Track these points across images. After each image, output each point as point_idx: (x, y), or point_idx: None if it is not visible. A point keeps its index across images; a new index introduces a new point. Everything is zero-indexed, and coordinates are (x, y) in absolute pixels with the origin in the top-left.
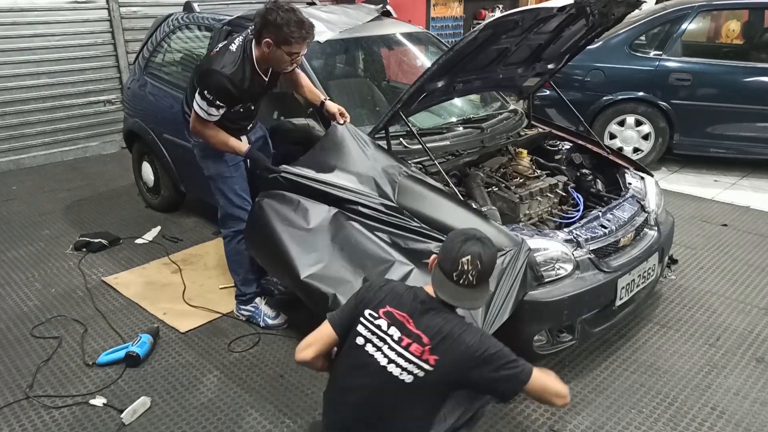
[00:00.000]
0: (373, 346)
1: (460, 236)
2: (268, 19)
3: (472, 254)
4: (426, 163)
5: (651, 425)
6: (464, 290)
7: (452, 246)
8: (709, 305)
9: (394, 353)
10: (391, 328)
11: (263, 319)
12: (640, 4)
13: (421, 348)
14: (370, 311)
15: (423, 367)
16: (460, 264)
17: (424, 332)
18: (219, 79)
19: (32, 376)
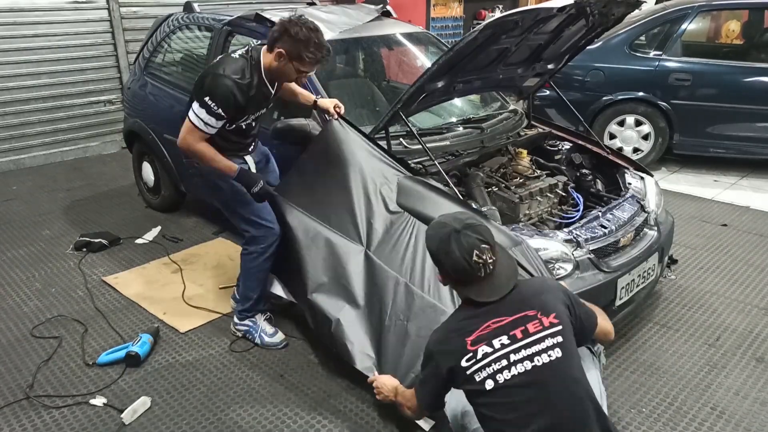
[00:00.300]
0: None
1: (446, 241)
2: (289, 31)
3: (474, 245)
4: (426, 163)
5: (651, 425)
6: (494, 273)
7: (450, 257)
8: (709, 305)
9: (526, 350)
10: (494, 342)
11: (260, 336)
12: (640, 4)
13: (536, 321)
14: (464, 358)
15: (555, 331)
16: (474, 264)
17: (520, 311)
18: (225, 83)
19: (32, 376)
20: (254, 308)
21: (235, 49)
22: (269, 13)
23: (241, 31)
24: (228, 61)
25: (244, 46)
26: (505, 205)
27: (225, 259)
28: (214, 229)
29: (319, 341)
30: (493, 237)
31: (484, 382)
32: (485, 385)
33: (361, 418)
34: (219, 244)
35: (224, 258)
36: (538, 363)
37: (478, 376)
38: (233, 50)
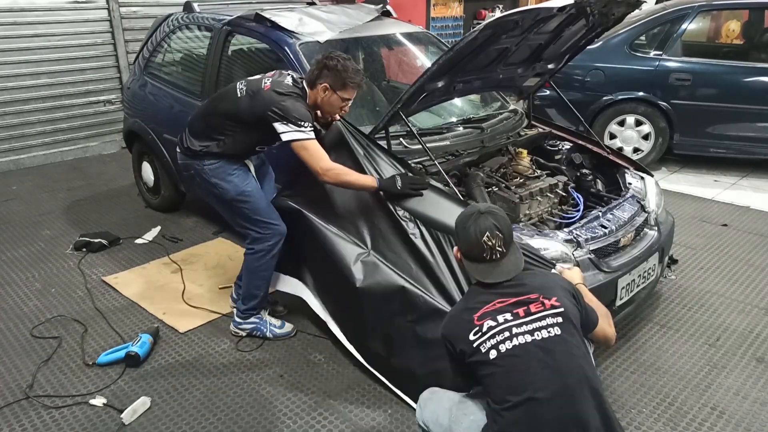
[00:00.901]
0: (503, 343)
1: (467, 219)
2: (329, 65)
3: (489, 228)
4: (426, 163)
5: (651, 425)
6: (500, 263)
7: (466, 232)
8: (709, 305)
9: (527, 325)
10: (499, 318)
11: (270, 330)
12: (640, 4)
13: (538, 303)
14: (472, 332)
15: (556, 312)
16: (483, 245)
17: (524, 294)
18: (296, 100)
19: (32, 376)
20: (259, 306)
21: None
22: (269, 12)
23: (241, 31)
24: (288, 89)
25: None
26: (505, 205)
27: (225, 259)
28: (214, 229)
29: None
30: (510, 231)
31: (489, 352)
32: (489, 354)
33: (361, 418)
34: (219, 244)
35: (224, 258)
36: (537, 337)
37: (483, 347)
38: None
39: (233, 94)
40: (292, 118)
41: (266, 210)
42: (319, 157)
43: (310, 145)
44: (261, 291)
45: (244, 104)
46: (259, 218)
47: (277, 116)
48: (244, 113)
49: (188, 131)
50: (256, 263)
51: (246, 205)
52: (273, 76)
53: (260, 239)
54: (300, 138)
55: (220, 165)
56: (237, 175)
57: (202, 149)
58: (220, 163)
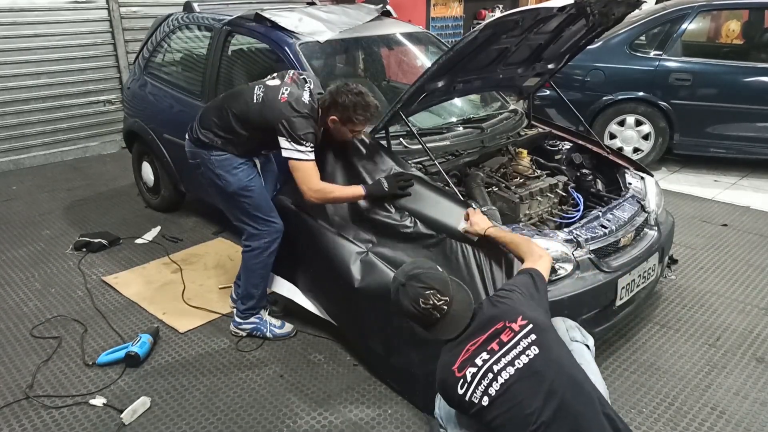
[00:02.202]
0: (491, 385)
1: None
2: (337, 101)
3: (418, 295)
4: (426, 163)
5: (651, 425)
6: (450, 312)
7: (405, 309)
8: (709, 305)
9: (505, 357)
10: (477, 360)
11: (270, 330)
12: (640, 4)
13: (508, 330)
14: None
15: (527, 331)
16: (425, 311)
17: (491, 327)
18: (308, 121)
19: (32, 376)
20: (258, 305)
21: (301, 85)
22: (269, 12)
23: (241, 31)
24: (303, 106)
25: (301, 82)
26: (505, 205)
27: (225, 259)
28: (214, 229)
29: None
30: (439, 278)
31: (482, 399)
32: (483, 402)
33: (361, 418)
34: (219, 244)
35: (224, 258)
36: (519, 365)
37: (475, 398)
38: (298, 85)
39: (249, 97)
40: (296, 137)
41: (266, 207)
42: (309, 179)
43: (303, 166)
44: (259, 290)
45: (257, 109)
46: (258, 214)
47: (284, 130)
48: (254, 118)
49: (199, 123)
50: (252, 261)
51: (247, 200)
52: (291, 86)
53: (257, 236)
54: (297, 158)
55: (227, 158)
56: (242, 170)
57: (210, 141)
58: (227, 156)
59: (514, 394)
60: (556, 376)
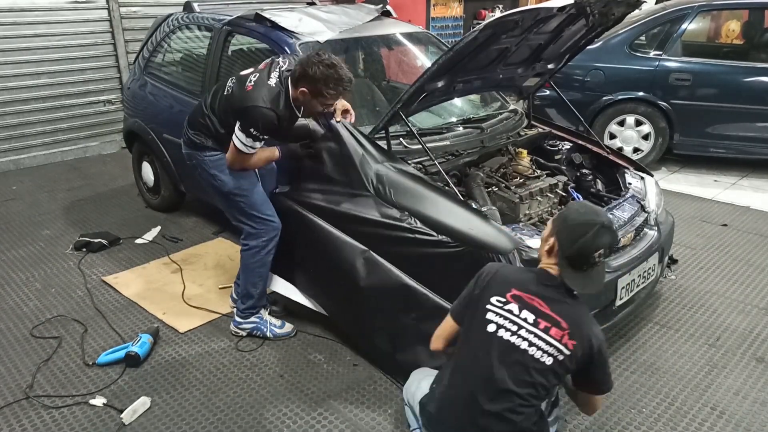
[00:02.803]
0: (506, 330)
1: (588, 227)
2: (307, 72)
3: (605, 247)
4: (426, 163)
5: (651, 425)
6: (587, 273)
7: (583, 241)
8: (709, 305)
9: (533, 336)
10: (523, 312)
11: (270, 330)
12: (640, 4)
13: (561, 332)
14: (497, 297)
15: (563, 351)
16: (591, 258)
17: (560, 317)
18: (267, 114)
19: (32, 376)
20: (257, 304)
21: (268, 70)
22: (269, 12)
23: (241, 31)
24: (267, 91)
25: (276, 65)
26: (505, 205)
27: (225, 259)
28: (214, 229)
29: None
30: (614, 249)
31: (489, 324)
32: (488, 326)
33: (361, 418)
34: (219, 244)
35: (224, 258)
36: (530, 351)
37: (490, 315)
38: (266, 71)
39: (222, 91)
40: (249, 127)
41: (262, 205)
42: (237, 158)
43: (239, 152)
44: (258, 289)
45: (228, 102)
46: (254, 213)
47: (242, 116)
48: (229, 112)
49: (187, 124)
50: (251, 259)
51: (242, 199)
52: (261, 72)
53: (255, 234)
54: (237, 147)
55: (221, 157)
56: None
57: (201, 142)
58: (220, 155)
59: (501, 350)
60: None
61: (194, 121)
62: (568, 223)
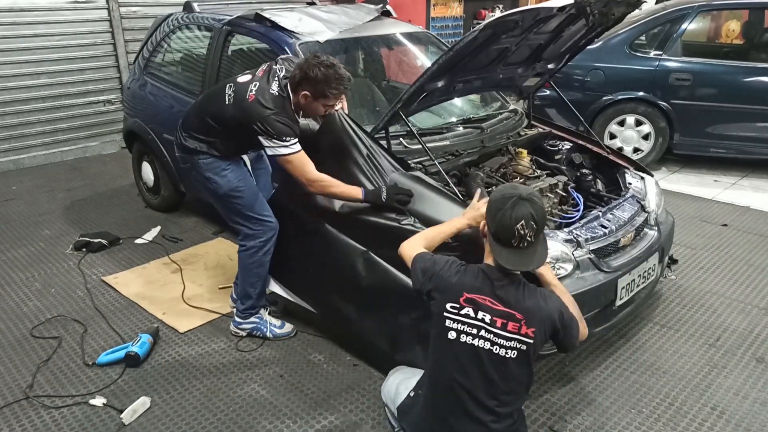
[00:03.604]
0: (467, 335)
1: (505, 201)
2: (308, 75)
3: (526, 217)
4: (426, 163)
5: (651, 425)
6: (524, 252)
7: (502, 215)
8: (709, 305)
9: (492, 335)
10: (479, 313)
11: (270, 330)
12: (640, 4)
13: (517, 324)
14: (451, 304)
15: (524, 341)
16: (515, 231)
17: (514, 309)
18: (280, 119)
19: (32, 376)
20: (257, 305)
21: (268, 79)
22: (269, 12)
23: (241, 31)
24: (272, 100)
25: (273, 73)
26: None
27: (225, 259)
28: (214, 229)
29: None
30: (544, 222)
31: (450, 331)
32: (449, 334)
33: (361, 418)
34: (219, 244)
35: (224, 258)
36: (494, 350)
37: (448, 323)
38: (266, 79)
39: (221, 99)
40: (275, 135)
41: (258, 206)
42: (303, 169)
43: (294, 158)
44: (256, 289)
45: (230, 112)
46: (251, 214)
47: (261, 131)
48: (229, 120)
49: (181, 129)
50: (248, 260)
51: (238, 201)
52: (260, 80)
53: (252, 235)
54: (283, 153)
55: (214, 160)
56: (230, 170)
57: (195, 146)
58: (212, 159)
59: (466, 356)
60: (497, 387)
61: (188, 124)
62: (490, 203)
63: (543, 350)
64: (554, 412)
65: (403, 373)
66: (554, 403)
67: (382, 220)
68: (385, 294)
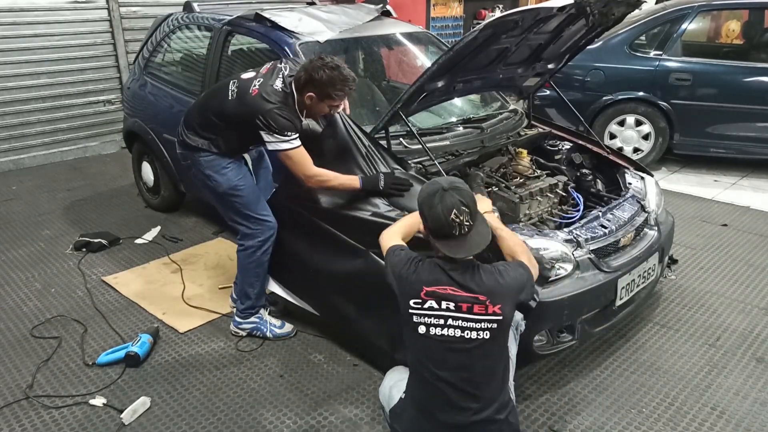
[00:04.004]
0: (435, 326)
1: (431, 196)
2: (313, 77)
3: (455, 205)
4: (426, 163)
5: (651, 425)
6: (467, 238)
7: (433, 211)
8: (709, 305)
9: (460, 320)
10: (442, 303)
11: (270, 330)
12: (640, 4)
13: (482, 306)
14: (413, 300)
15: (495, 319)
16: (452, 222)
17: (476, 292)
18: (281, 113)
19: (32, 376)
20: (256, 305)
21: (271, 75)
22: (269, 12)
23: (241, 31)
24: (275, 95)
25: (278, 70)
26: (505, 205)
27: (225, 259)
28: (214, 229)
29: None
30: (474, 203)
31: (419, 326)
32: (419, 329)
33: (361, 418)
34: (219, 244)
35: (224, 258)
36: (466, 335)
37: (416, 318)
38: (269, 75)
39: (224, 95)
40: (276, 129)
41: (258, 205)
42: (302, 164)
43: (293, 154)
44: (255, 289)
45: (233, 106)
46: (249, 213)
47: (263, 125)
48: (231, 115)
49: (183, 125)
50: (247, 260)
51: (237, 199)
52: (264, 77)
53: (250, 235)
54: (284, 148)
55: (215, 158)
56: (231, 169)
57: (196, 144)
58: (215, 156)
59: (441, 347)
60: (475, 371)
61: (191, 121)
62: (419, 203)
63: (543, 350)
64: (554, 412)
65: (398, 373)
66: (554, 403)
67: (382, 219)
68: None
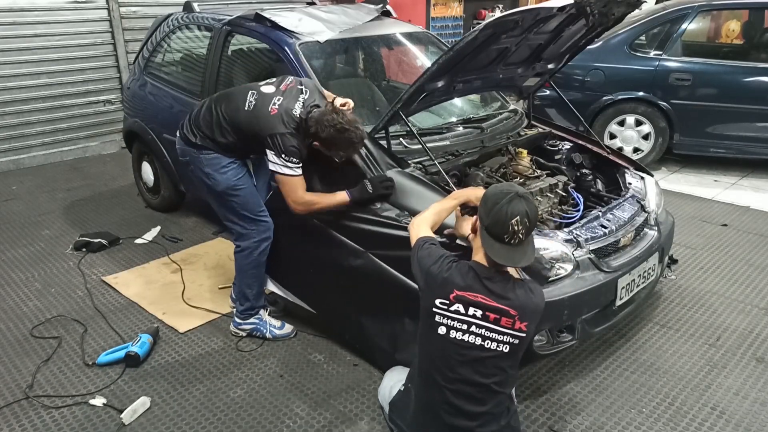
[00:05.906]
0: (457, 330)
1: (502, 196)
2: (319, 134)
3: (521, 214)
4: (426, 163)
5: (651, 425)
6: (515, 249)
7: (498, 210)
8: (709, 305)
9: (484, 330)
10: (470, 309)
11: (270, 331)
12: (640, 4)
13: (511, 320)
14: (440, 299)
15: (517, 335)
16: (510, 226)
17: (507, 306)
18: (295, 143)
19: (32, 376)
20: (255, 305)
21: (295, 102)
22: (269, 12)
23: (241, 31)
24: (292, 121)
25: (299, 93)
26: None
27: (225, 259)
28: (214, 229)
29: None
30: (535, 222)
31: (440, 327)
32: (439, 329)
33: (361, 418)
34: (219, 244)
35: (224, 258)
36: (486, 345)
37: (438, 318)
38: (294, 102)
39: (241, 102)
40: (283, 152)
41: (255, 206)
42: (295, 192)
43: (289, 180)
44: (253, 290)
45: (247, 117)
46: (246, 214)
47: (272, 145)
48: (244, 125)
49: (189, 121)
50: (244, 261)
51: (235, 199)
52: (284, 96)
53: (246, 235)
54: (284, 173)
55: (216, 157)
56: (231, 169)
57: (199, 141)
58: (216, 155)
59: (456, 353)
60: (484, 380)
61: (199, 119)
62: (486, 197)
63: (543, 350)
64: (554, 412)
65: (398, 373)
66: (554, 403)
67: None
68: (384, 293)
